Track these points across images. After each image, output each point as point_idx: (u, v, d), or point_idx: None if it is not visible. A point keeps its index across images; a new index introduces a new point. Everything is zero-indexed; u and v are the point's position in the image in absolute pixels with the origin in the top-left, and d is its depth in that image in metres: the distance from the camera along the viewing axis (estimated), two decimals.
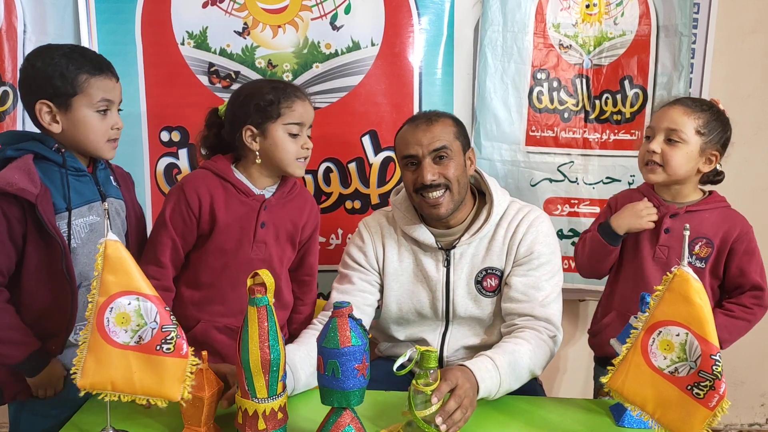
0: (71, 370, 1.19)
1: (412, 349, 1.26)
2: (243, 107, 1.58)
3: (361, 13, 2.11)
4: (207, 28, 2.08)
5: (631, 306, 1.35)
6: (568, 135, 2.25)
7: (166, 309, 1.18)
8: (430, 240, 1.67)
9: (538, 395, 1.68)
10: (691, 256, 1.65)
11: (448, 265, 1.67)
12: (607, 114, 2.23)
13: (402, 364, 1.27)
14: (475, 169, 1.73)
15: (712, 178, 1.70)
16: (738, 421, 2.63)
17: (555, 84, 2.22)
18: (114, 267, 1.17)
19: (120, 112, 1.51)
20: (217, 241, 1.60)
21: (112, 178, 1.58)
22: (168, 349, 1.17)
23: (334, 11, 2.10)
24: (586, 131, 2.25)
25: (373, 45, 2.13)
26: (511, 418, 1.39)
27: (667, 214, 1.66)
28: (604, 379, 1.27)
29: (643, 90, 2.21)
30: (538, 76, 2.22)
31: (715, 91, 2.20)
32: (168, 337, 1.17)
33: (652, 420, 1.22)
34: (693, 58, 2.20)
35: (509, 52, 2.19)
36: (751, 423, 2.64)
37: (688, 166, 1.62)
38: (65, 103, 1.42)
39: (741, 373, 2.50)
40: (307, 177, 2.18)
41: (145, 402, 1.19)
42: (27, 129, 1.80)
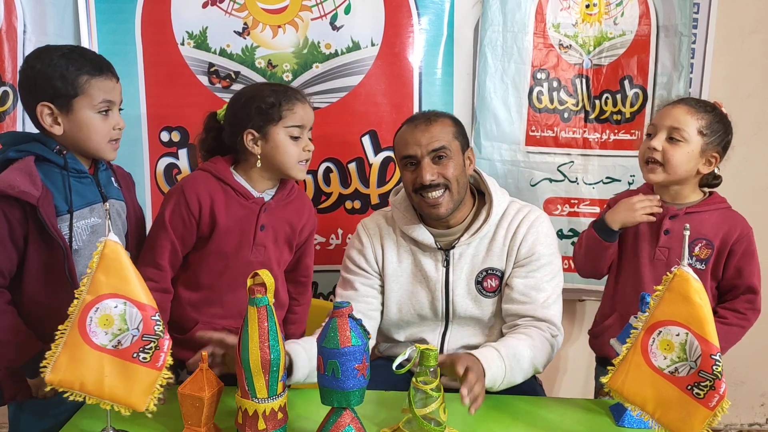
0: (42, 363, 1.19)
1: (412, 347, 1.26)
2: (243, 111, 1.57)
3: (361, 14, 2.11)
4: (207, 28, 2.08)
5: (632, 308, 1.35)
6: (568, 135, 2.24)
7: (153, 319, 1.18)
8: (429, 240, 1.67)
9: (538, 395, 1.68)
10: (692, 257, 1.64)
11: (447, 265, 1.67)
12: (607, 114, 2.23)
13: (401, 362, 1.27)
14: (474, 168, 1.73)
15: (710, 181, 1.69)
16: (738, 421, 2.63)
17: (555, 84, 2.22)
18: (108, 267, 1.17)
19: (120, 111, 1.51)
20: (217, 244, 1.59)
21: (113, 179, 1.57)
22: (144, 358, 1.18)
23: (334, 11, 2.10)
24: (586, 131, 2.25)
25: (373, 45, 2.13)
26: (511, 418, 1.39)
27: (666, 216, 1.65)
28: (604, 379, 1.27)
29: (643, 90, 2.21)
30: (538, 76, 2.22)
31: (714, 91, 2.20)
32: (147, 347, 1.17)
33: (652, 420, 1.22)
34: (693, 58, 2.20)
35: (509, 52, 2.19)
36: (751, 423, 2.64)
37: (688, 166, 1.61)
38: (66, 104, 1.41)
39: (741, 372, 2.50)
40: (307, 177, 2.18)
41: (108, 407, 1.20)
42: (27, 129, 1.80)
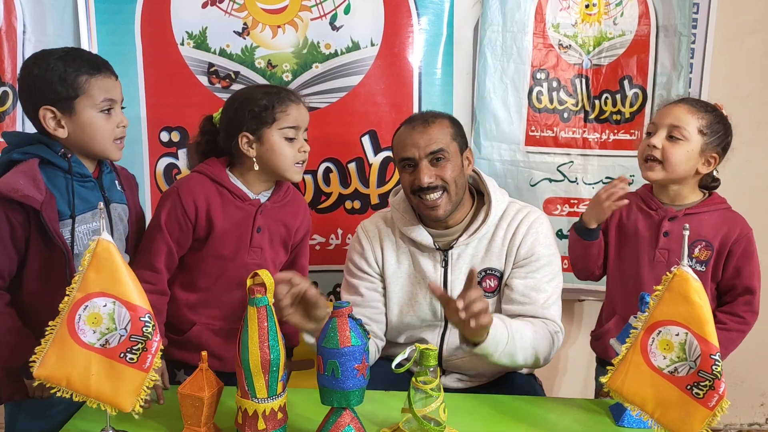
0: (31, 358, 1.19)
1: (412, 347, 1.26)
2: (237, 114, 1.57)
3: (360, 14, 2.11)
4: (206, 28, 2.08)
5: (632, 310, 1.35)
6: (568, 135, 2.24)
7: (142, 320, 1.17)
8: (428, 240, 1.67)
9: (537, 395, 1.68)
10: (691, 259, 1.63)
11: (445, 265, 1.67)
12: (607, 114, 2.23)
13: (401, 362, 1.27)
14: (473, 169, 1.73)
15: (709, 183, 1.69)
16: (738, 421, 2.63)
17: (554, 84, 2.22)
18: (99, 266, 1.17)
19: (122, 110, 1.50)
20: (214, 247, 1.59)
21: (117, 182, 1.57)
22: (131, 359, 1.18)
23: (334, 11, 2.10)
24: (585, 131, 2.25)
25: (372, 45, 2.13)
26: (511, 418, 1.39)
27: (665, 217, 1.65)
28: (603, 378, 1.27)
29: (643, 90, 2.21)
30: (538, 76, 2.22)
31: (714, 91, 2.20)
32: (134, 347, 1.17)
33: (651, 420, 1.22)
34: (692, 58, 2.20)
35: (509, 52, 2.19)
36: (751, 423, 2.64)
37: (687, 165, 1.61)
38: (68, 106, 1.41)
39: (740, 372, 2.50)
40: (307, 177, 2.18)
41: (95, 405, 1.20)
42: (27, 129, 1.80)
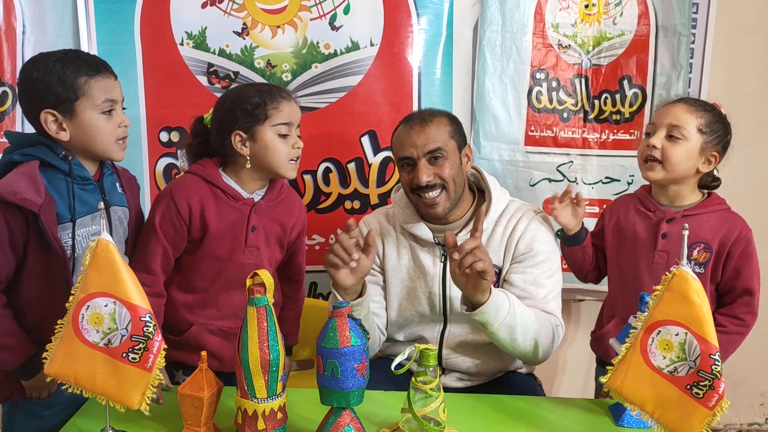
0: (42, 355, 1.21)
1: (411, 347, 1.26)
2: (229, 113, 1.56)
3: (360, 14, 2.11)
4: (206, 28, 2.08)
5: (632, 312, 1.35)
6: (567, 135, 2.25)
7: (143, 320, 1.17)
8: (428, 235, 1.68)
9: (537, 395, 1.69)
10: (690, 261, 1.62)
11: (444, 260, 1.68)
12: (606, 114, 2.23)
13: (400, 362, 1.27)
14: (472, 166, 1.74)
15: (709, 183, 1.68)
16: (737, 421, 2.63)
17: (554, 84, 2.22)
18: (99, 266, 1.17)
19: (123, 110, 1.50)
20: (210, 249, 1.58)
21: (118, 185, 1.56)
22: (133, 358, 1.18)
23: (333, 11, 2.10)
24: (585, 131, 2.25)
25: (372, 45, 2.13)
26: (511, 417, 1.39)
27: (663, 219, 1.64)
28: (603, 378, 1.27)
29: (642, 90, 2.21)
30: (537, 76, 2.22)
31: (713, 90, 2.20)
32: (135, 347, 1.18)
33: (651, 420, 1.22)
34: (692, 57, 2.20)
35: (508, 52, 2.19)
36: (751, 423, 2.64)
37: (687, 164, 1.60)
38: (69, 109, 1.40)
39: (740, 372, 2.50)
40: (306, 177, 2.18)
41: (104, 402, 1.21)
42: (27, 130, 1.79)
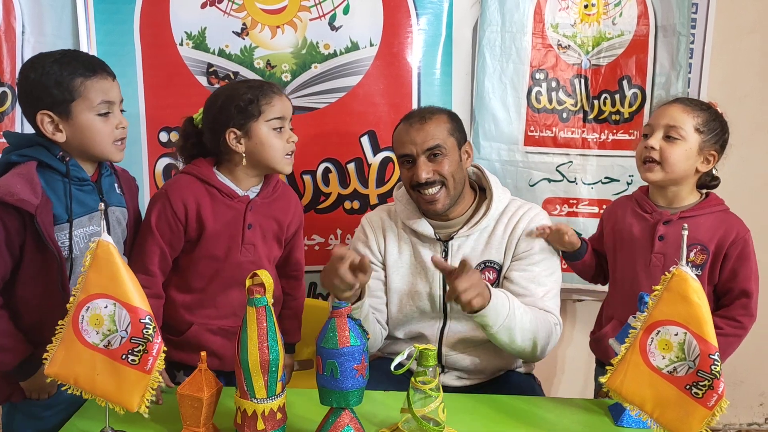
0: (40, 356, 1.21)
1: (411, 347, 1.26)
2: (223, 111, 1.55)
3: (359, 14, 2.11)
4: (206, 28, 2.08)
5: (630, 314, 1.35)
6: (567, 135, 2.25)
7: (143, 322, 1.17)
8: (429, 231, 1.70)
9: (536, 395, 1.69)
10: (687, 264, 1.62)
11: (445, 256, 1.69)
12: (606, 114, 2.23)
13: (400, 362, 1.27)
14: (476, 166, 1.76)
15: (708, 182, 1.67)
16: (737, 421, 2.63)
17: (553, 84, 2.22)
18: (99, 267, 1.17)
19: (122, 113, 1.49)
20: (207, 248, 1.58)
21: (116, 186, 1.55)
22: (133, 360, 1.18)
23: (333, 12, 2.10)
24: (584, 131, 2.25)
25: (371, 45, 2.13)
26: (511, 417, 1.39)
27: (660, 221, 1.62)
28: (603, 378, 1.27)
29: (642, 90, 2.21)
30: (537, 76, 2.22)
31: (713, 90, 2.20)
32: (135, 349, 1.17)
33: (650, 420, 1.22)
34: (691, 57, 2.20)
35: (508, 53, 2.19)
36: (750, 422, 2.64)
37: (686, 164, 1.60)
38: (65, 110, 1.39)
39: (740, 372, 2.50)
40: (306, 177, 2.18)
41: (103, 404, 1.20)
42: (26, 130, 1.79)
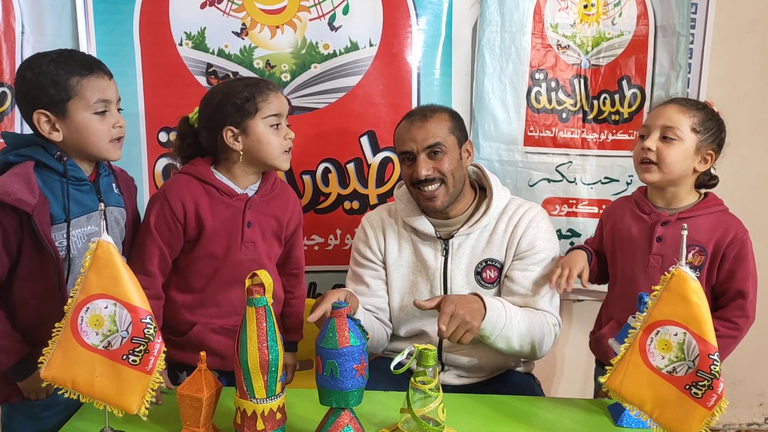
0: (39, 359, 1.19)
1: (410, 347, 1.26)
2: (219, 110, 1.55)
3: (359, 14, 2.11)
4: (205, 28, 2.08)
5: (628, 315, 1.35)
6: (567, 135, 2.25)
7: (144, 322, 1.17)
8: (429, 229, 1.71)
9: (536, 395, 1.69)
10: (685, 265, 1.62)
11: (446, 254, 1.70)
12: (605, 114, 2.23)
13: (400, 362, 1.27)
14: (477, 165, 1.78)
15: (707, 182, 1.66)
16: (736, 421, 2.64)
17: (553, 84, 2.22)
18: (99, 268, 1.16)
19: (120, 112, 1.48)
20: (206, 247, 1.58)
21: (114, 185, 1.55)
22: (134, 360, 1.17)
23: (332, 12, 2.10)
24: (584, 131, 2.25)
25: (371, 45, 2.13)
26: (510, 417, 1.39)
27: (658, 222, 1.62)
28: (602, 378, 1.27)
29: (641, 90, 2.21)
30: (536, 76, 2.22)
31: (712, 90, 2.20)
32: (136, 349, 1.17)
33: (650, 420, 1.22)
34: (691, 57, 2.20)
35: (507, 53, 2.19)
36: (750, 422, 2.64)
37: (683, 165, 1.59)
38: (62, 109, 1.39)
39: (739, 372, 2.50)
40: (306, 177, 2.18)
41: (101, 407, 1.20)
42: (26, 130, 1.79)
